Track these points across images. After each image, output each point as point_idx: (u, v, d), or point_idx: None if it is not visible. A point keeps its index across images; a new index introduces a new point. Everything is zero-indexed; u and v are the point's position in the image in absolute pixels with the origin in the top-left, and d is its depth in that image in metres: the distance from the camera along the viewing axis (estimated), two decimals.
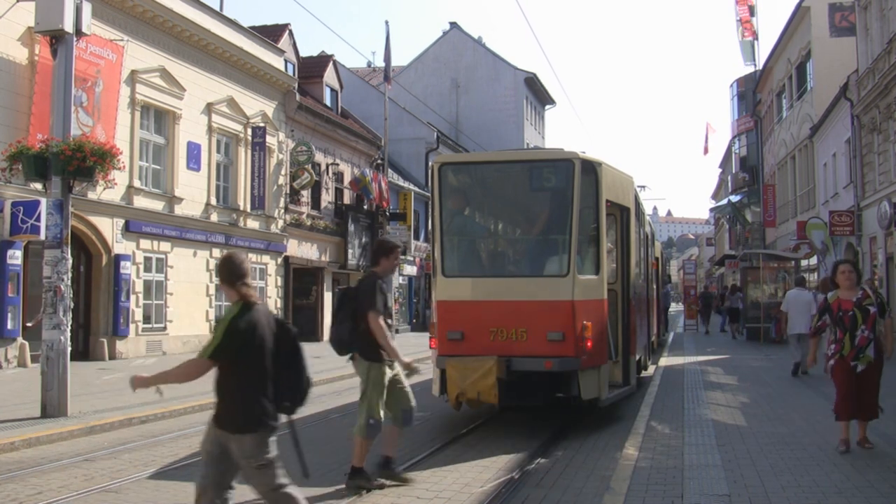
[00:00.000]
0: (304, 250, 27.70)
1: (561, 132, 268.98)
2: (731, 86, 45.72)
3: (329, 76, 32.17)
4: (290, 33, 28.07)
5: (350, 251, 30.15)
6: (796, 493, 5.88)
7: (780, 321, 18.92)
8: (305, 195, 27.69)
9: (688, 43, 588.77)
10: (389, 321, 6.73)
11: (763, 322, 23.73)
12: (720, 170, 65.49)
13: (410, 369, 6.72)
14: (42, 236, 12.41)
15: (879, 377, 7.51)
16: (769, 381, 13.31)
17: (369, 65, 45.32)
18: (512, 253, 10.55)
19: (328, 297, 29.47)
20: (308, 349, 4.58)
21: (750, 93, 42.33)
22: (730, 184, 49.58)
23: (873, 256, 23.14)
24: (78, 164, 9.91)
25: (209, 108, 22.30)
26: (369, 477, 6.63)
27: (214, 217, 22.60)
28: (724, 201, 48.41)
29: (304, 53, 31.03)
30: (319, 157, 28.53)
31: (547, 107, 58.93)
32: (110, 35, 18.16)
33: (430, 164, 13.46)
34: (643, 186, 32.69)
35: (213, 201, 22.53)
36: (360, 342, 6.62)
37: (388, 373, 6.72)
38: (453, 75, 51.62)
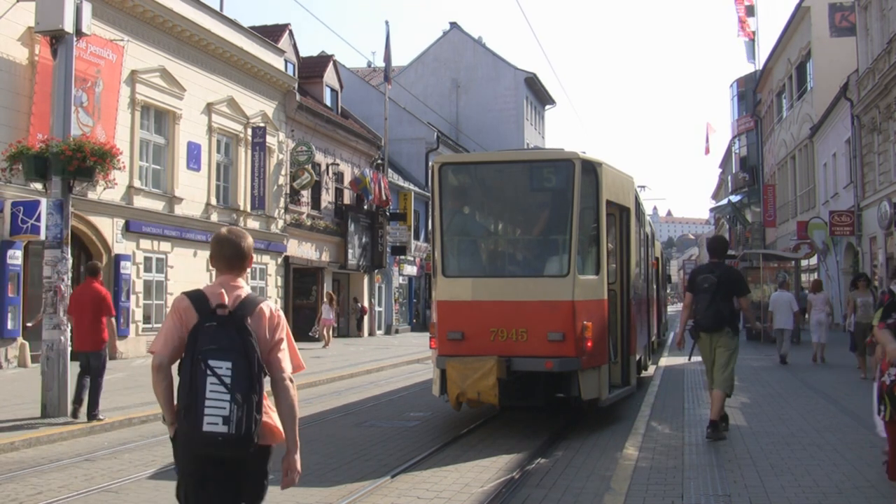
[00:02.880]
0: (304, 250, 27.70)
1: (561, 132, 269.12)
2: (731, 86, 45.74)
3: (329, 76, 32.17)
4: (290, 33, 28.07)
5: (350, 251, 30.15)
6: (796, 493, 5.88)
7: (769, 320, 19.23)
8: (305, 195, 27.69)
9: (688, 43, 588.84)
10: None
11: (763, 322, 23.72)
12: (720, 170, 65.52)
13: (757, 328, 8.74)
14: (42, 236, 12.41)
15: None
16: (769, 381, 13.30)
17: (369, 65, 45.34)
18: (512, 253, 10.55)
19: None
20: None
21: (750, 93, 42.36)
22: (730, 184, 49.59)
23: (873, 256, 23.14)
24: (78, 164, 9.91)
25: (209, 108, 22.30)
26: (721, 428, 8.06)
27: (214, 217, 22.60)
28: (724, 201, 48.41)
29: (304, 53, 31.05)
30: (319, 157, 28.53)
31: (547, 107, 58.93)
32: (110, 35, 18.16)
33: (430, 164, 13.46)
34: (643, 186, 32.61)
35: (214, 201, 22.53)
36: (731, 319, 8.20)
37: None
38: (453, 75, 51.61)
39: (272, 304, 3.53)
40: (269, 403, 3.47)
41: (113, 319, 10.20)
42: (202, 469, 3.29)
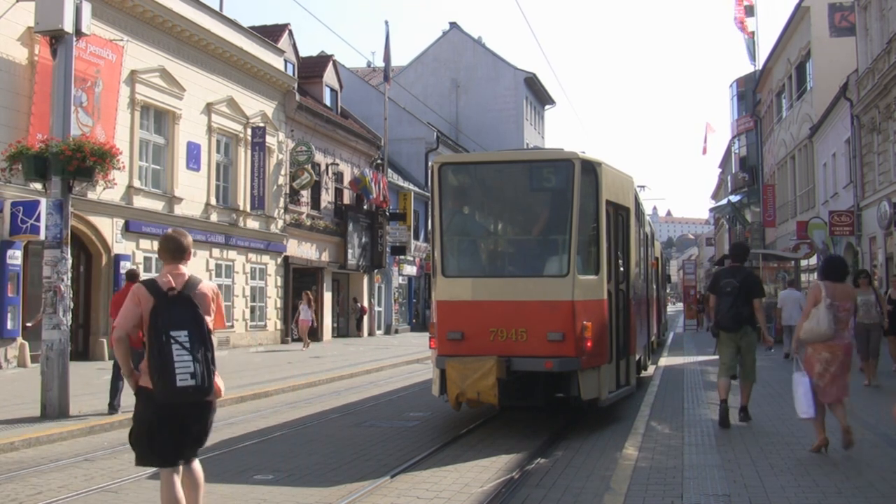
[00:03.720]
0: (304, 250, 27.70)
1: (561, 132, 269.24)
2: (731, 86, 45.72)
3: (329, 76, 32.17)
4: (290, 33, 28.08)
5: (350, 251, 30.15)
6: (796, 493, 5.87)
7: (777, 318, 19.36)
8: (305, 195, 27.69)
9: (688, 43, 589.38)
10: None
11: (771, 322, 23.73)
12: (720, 170, 65.49)
13: (769, 344, 9.40)
14: (42, 236, 12.40)
15: None
16: (769, 381, 13.29)
17: (369, 65, 45.33)
18: (512, 253, 10.53)
19: (328, 297, 29.48)
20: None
21: (750, 93, 42.33)
22: (730, 184, 49.57)
23: (873, 256, 23.14)
24: (78, 164, 9.91)
25: (209, 108, 22.30)
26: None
27: (214, 217, 22.61)
28: (724, 201, 48.39)
29: (303, 53, 31.06)
30: (319, 157, 28.53)
31: (547, 107, 58.92)
32: (110, 35, 18.16)
33: (430, 164, 13.46)
34: (643, 186, 32.69)
35: (213, 201, 22.53)
36: (750, 320, 8.78)
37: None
38: (453, 75, 51.61)
39: (211, 283, 4.77)
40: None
41: None
42: (175, 412, 4.37)
